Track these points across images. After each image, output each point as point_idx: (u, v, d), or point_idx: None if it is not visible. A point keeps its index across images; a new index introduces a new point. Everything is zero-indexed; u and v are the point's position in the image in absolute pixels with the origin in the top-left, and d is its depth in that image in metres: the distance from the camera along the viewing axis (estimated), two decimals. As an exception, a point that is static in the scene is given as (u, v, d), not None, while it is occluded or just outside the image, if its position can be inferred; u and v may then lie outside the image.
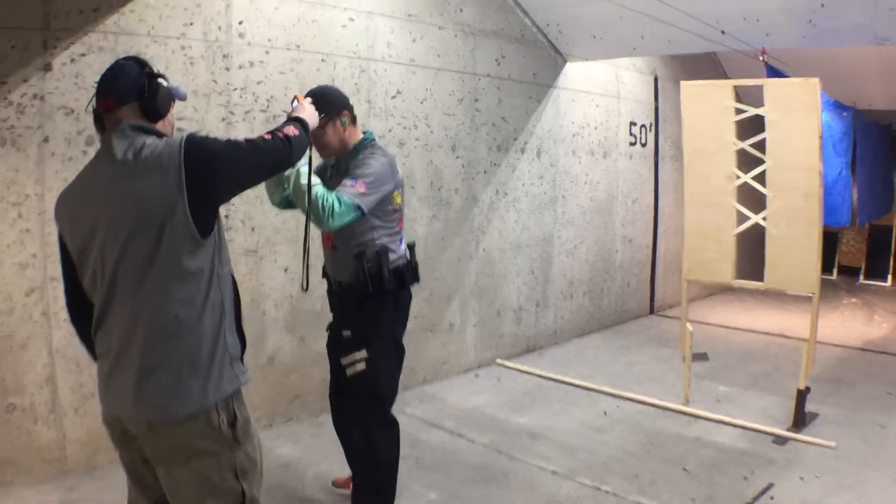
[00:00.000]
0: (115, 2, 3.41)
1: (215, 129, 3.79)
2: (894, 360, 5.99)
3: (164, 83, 1.98)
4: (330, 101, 2.78)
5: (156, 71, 1.99)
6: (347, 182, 2.67)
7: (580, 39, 5.74)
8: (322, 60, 4.26)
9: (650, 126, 7.32)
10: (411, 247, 3.02)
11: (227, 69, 3.84)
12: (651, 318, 7.58)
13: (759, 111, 4.35)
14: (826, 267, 9.03)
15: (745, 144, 4.47)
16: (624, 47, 5.84)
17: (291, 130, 2.11)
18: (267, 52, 4.00)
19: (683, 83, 4.68)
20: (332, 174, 2.92)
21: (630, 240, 7.20)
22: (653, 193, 7.47)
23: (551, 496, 3.46)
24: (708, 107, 4.55)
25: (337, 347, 2.95)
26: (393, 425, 3.01)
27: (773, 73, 5.05)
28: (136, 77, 1.93)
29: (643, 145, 7.25)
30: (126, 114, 1.91)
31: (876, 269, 9.81)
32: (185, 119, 3.63)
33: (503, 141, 5.55)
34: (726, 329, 7.02)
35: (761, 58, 4.84)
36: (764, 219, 4.34)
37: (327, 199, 2.55)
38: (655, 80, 7.31)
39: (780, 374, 5.45)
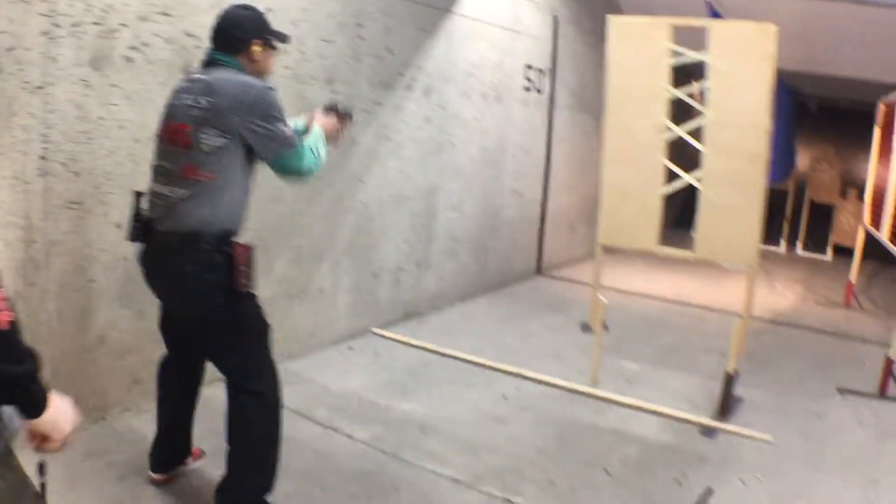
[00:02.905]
0: None
1: (35, 45, 2.70)
2: (810, 336, 5.74)
3: None
4: None
5: None
6: None
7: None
8: (166, -51, 3.21)
9: (547, 71, 6.66)
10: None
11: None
12: (538, 279, 7.04)
13: (703, 56, 3.70)
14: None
15: (681, 93, 3.84)
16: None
17: None
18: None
19: (612, 17, 3.94)
20: None
21: (520, 194, 6.55)
22: (545, 145, 6.85)
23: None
24: (639, 47, 3.85)
25: None
26: None
27: (715, 16, 4.42)
28: None
29: (539, 92, 6.57)
30: None
31: (769, 235, 9.72)
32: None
33: (388, 76, 4.67)
34: (621, 294, 6.51)
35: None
36: (698, 180, 3.75)
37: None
38: (555, 20, 6.63)
39: (689, 349, 5.04)
